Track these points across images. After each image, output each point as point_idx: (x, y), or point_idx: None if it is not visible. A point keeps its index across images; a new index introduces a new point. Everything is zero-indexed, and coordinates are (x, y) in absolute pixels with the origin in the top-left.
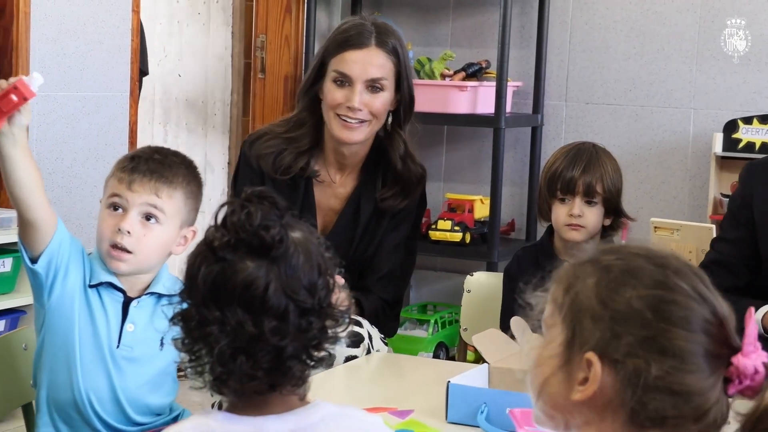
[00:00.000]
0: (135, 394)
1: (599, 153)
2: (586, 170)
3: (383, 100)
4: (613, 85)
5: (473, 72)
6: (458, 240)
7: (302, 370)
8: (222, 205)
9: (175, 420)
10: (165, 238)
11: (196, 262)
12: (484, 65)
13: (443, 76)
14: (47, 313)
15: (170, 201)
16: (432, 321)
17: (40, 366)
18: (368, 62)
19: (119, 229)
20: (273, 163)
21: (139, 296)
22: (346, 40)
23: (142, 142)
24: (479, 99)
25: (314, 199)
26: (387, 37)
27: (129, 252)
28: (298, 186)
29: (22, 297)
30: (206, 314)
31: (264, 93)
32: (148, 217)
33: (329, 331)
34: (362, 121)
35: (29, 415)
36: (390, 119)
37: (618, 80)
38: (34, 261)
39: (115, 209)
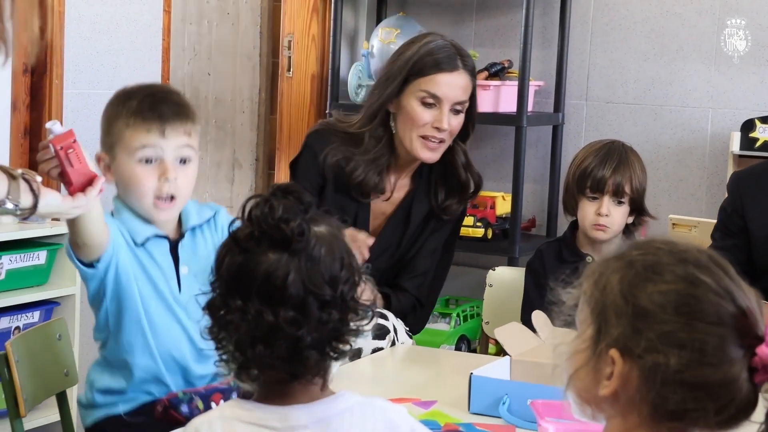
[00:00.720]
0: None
1: (629, 153)
2: (617, 170)
3: (461, 121)
4: (632, 84)
5: (496, 71)
6: (480, 235)
7: (321, 361)
8: (248, 199)
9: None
10: (196, 172)
11: (222, 253)
12: (506, 65)
13: None
14: (106, 289)
15: (196, 136)
16: (454, 314)
17: (108, 340)
18: (458, 85)
19: (166, 179)
20: (350, 177)
21: (179, 237)
22: (437, 63)
23: None
24: (501, 98)
25: (369, 203)
26: (468, 59)
27: (173, 198)
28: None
29: (56, 289)
30: (230, 303)
31: (291, 91)
32: (182, 159)
33: (351, 324)
34: (442, 141)
35: (63, 403)
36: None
37: (637, 80)
38: (89, 264)
39: (148, 161)
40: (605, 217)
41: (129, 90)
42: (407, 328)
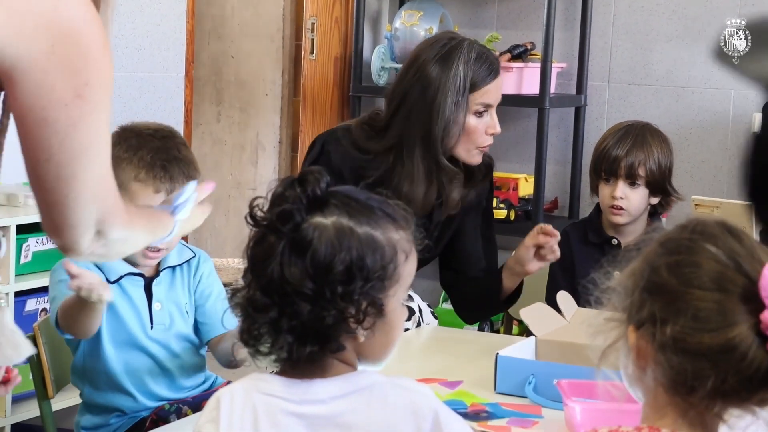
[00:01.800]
0: (175, 363)
1: (647, 134)
2: (630, 152)
3: None
4: (655, 66)
5: (519, 53)
6: (503, 217)
7: (299, 345)
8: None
9: (212, 386)
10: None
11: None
12: (529, 47)
13: None
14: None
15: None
16: None
17: (84, 384)
18: (501, 87)
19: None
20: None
21: (154, 274)
22: (486, 75)
23: (195, 122)
24: (524, 80)
25: None
26: (497, 58)
27: (161, 249)
28: None
29: None
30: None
31: (314, 74)
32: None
33: (350, 321)
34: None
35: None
36: None
37: (660, 61)
38: None
39: None
40: (621, 200)
41: (137, 130)
42: (432, 309)
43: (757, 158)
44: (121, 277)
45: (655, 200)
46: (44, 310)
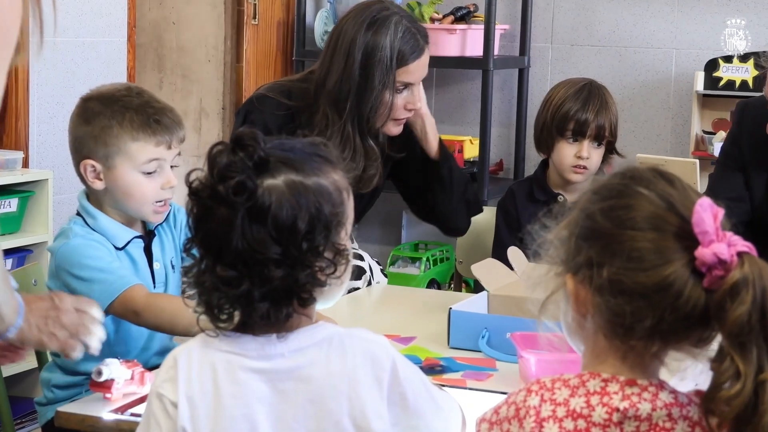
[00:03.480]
0: None
1: (606, 95)
2: (600, 114)
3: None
4: (597, 26)
5: (462, 15)
6: None
7: (276, 311)
8: (212, 147)
9: None
10: None
11: (189, 206)
12: (471, 9)
13: (432, 20)
14: None
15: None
16: (424, 258)
17: None
18: (425, 65)
19: (171, 188)
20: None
21: (147, 235)
22: (409, 53)
23: None
24: (468, 42)
25: None
26: (422, 29)
27: (167, 199)
28: None
29: (28, 236)
30: (192, 252)
31: (257, 39)
32: (173, 165)
33: (319, 275)
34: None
35: (41, 353)
36: None
37: (602, 22)
38: None
39: (151, 171)
40: (586, 160)
41: (109, 95)
42: (381, 267)
43: None
44: (128, 243)
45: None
46: None
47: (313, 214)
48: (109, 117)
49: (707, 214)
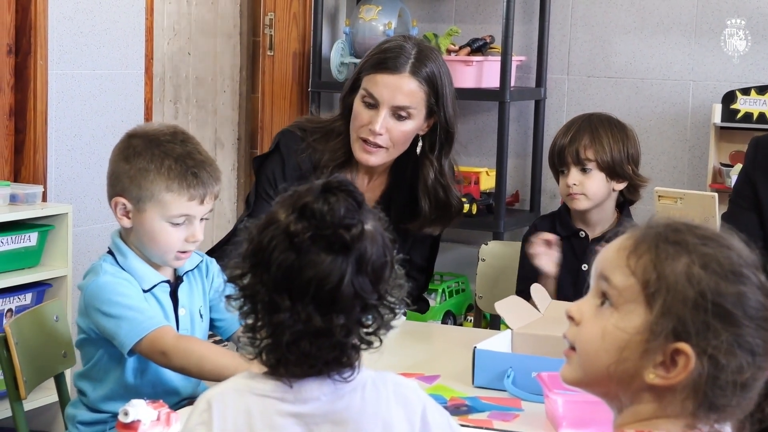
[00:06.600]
0: None
1: (593, 120)
2: (574, 140)
3: (406, 129)
4: (614, 58)
5: (478, 47)
6: (465, 211)
7: (356, 358)
8: (297, 190)
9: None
10: None
11: (268, 242)
12: (488, 40)
13: (449, 52)
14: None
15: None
16: (440, 290)
17: (91, 389)
18: (397, 89)
19: (195, 241)
20: (313, 169)
21: (176, 281)
22: (381, 62)
23: (154, 120)
24: (484, 73)
25: None
26: (425, 64)
27: (189, 250)
28: None
29: (47, 270)
30: (278, 301)
31: (273, 70)
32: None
33: (385, 319)
34: (379, 147)
35: (62, 384)
36: (421, 143)
37: (619, 53)
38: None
39: (178, 223)
40: (575, 186)
41: (153, 137)
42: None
43: None
44: (154, 286)
45: (619, 186)
46: (10, 311)
47: (389, 260)
48: (149, 160)
49: None
